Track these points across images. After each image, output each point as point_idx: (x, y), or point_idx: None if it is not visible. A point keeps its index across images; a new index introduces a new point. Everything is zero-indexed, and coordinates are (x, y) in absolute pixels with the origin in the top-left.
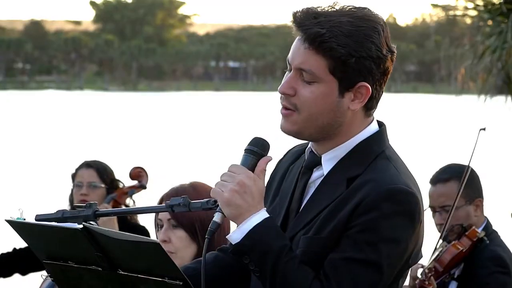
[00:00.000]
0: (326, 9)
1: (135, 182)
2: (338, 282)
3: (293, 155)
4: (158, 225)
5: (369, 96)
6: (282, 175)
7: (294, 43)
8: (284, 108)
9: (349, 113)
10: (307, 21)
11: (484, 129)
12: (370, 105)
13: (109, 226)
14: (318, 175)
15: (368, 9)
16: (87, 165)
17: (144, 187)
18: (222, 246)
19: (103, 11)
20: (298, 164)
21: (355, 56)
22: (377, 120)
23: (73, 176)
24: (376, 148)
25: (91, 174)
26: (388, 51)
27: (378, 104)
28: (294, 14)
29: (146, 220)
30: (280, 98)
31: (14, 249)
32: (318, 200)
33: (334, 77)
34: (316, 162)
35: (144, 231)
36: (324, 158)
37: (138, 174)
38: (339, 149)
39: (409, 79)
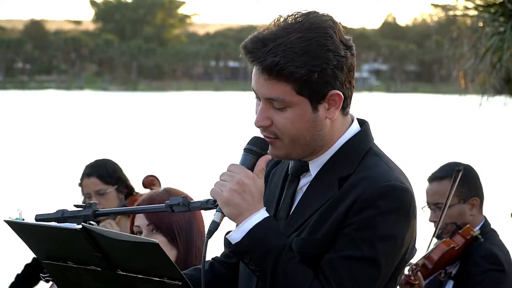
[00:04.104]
0: (273, 28)
1: (147, 191)
2: (338, 282)
3: (273, 159)
4: (137, 232)
5: (342, 100)
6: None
7: (254, 73)
8: (266, 137)
9: (327, 122)
10: (258, 51)
11: (460, 170)
12: (345, 105)
13: (125, 225)
14: (306, 181)
15: (314, 13)
16: (87, 174)
17: None
18: (216, 256)
19: (103, 11)
20: (280, 169)
21: (316, 71)
22: (358, 119)
23: (80, 186)
24: (363, 145)
25: (94, 182)
26: (346, 48)
27: (355, 99)
28: (244, 46)
29: None
30: (260, 129)
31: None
32: (309, 203)
33: (304, 97)
34: (303, 168)
35: None
36: (312, 164)
37: (151, 183)
38: (327, 154)
39: (409, 79)
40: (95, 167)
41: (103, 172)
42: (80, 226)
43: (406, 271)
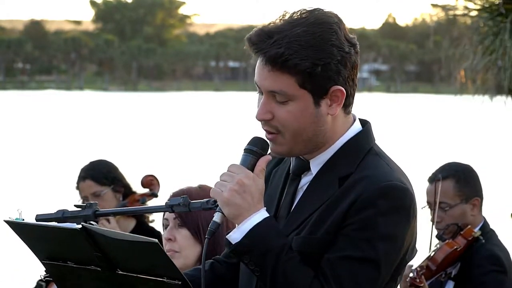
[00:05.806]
0: (278, 22)
1: (146, 190)
2: (338, 282)
3: (274, 158)
4: (164, 225)
5: (344, 96)
6: (265, 179)
7: (257, 65)
8: (267, 132)
9: (329, 118)
10: (263, 43)
11: (439, 179)
12: (347, 103)
13: (124, 225)
14: (307, 180)
15: (319, 10)
16: (82, 177)
17: (156, 196)
18: (217, 256)
19: (103, 11)
20: (282, 168)
21: (319, 65)
22: (360, 119)
23: (77, 189)
24: (365, 145)
25: (89, 184)
26: (350, 45)
27: (355, 99)
28: (249, 39)
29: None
30: (261, 123)
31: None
32: (309, 201)
33: (306, 90)
34: (304, 167)
35: (160, 237)
36: (313, 163)
37: (150, 183)
38: (328, 152)
39: (409, 79)
40: (89, 169)
41: (97, 174)
42: (80, 226)
43: (411, 273)
